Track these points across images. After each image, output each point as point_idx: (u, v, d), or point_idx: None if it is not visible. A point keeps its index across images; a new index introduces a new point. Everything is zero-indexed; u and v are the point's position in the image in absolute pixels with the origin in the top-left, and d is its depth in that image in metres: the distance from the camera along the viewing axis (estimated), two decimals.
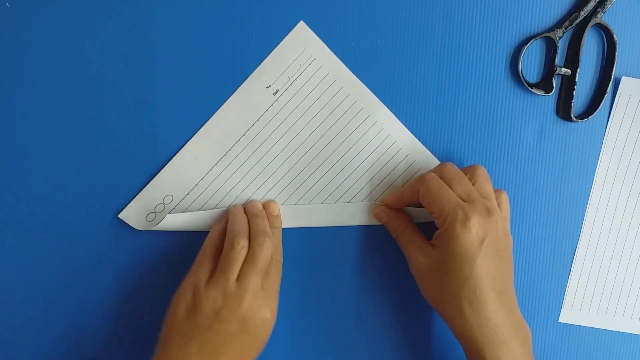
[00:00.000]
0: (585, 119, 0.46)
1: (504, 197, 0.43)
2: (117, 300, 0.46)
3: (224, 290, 0.38)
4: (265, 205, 0.45)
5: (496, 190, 0.42)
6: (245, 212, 0.44)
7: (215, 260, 0.41)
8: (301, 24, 0.43)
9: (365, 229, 0.46)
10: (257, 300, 0.39)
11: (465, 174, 0.41)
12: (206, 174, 0.45)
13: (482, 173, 0.41)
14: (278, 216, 0.44)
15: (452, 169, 0.41)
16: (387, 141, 0.45)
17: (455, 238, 0.38)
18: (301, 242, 0.46)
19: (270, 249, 0.40)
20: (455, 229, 0.38)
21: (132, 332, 0.46)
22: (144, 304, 0.46)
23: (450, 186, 0.40)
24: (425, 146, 0.46)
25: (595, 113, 0.46)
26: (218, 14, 0.43)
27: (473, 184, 0.41)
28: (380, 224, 0.46)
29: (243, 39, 0.43)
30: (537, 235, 0.48)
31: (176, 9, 0.43)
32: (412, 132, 0.45)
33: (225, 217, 0.44)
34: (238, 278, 0.39)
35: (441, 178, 0.41)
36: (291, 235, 0.46)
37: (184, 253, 0.46)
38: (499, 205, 0.41)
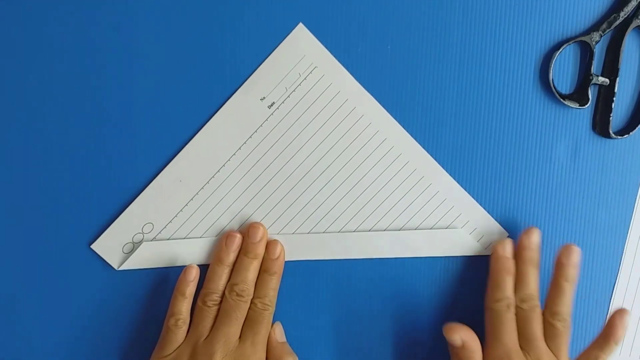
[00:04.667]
0: (626, 136, 0.44)
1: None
2: (93, 338, 0.45)
3: (195, 347, 0.41)
4: (268, 246, 0.43)
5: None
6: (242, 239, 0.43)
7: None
8: (300, 26, 0.42)
9: (371, 262, 0.45)
10: (230, 352, 0.40)
11: (551, 316, 0.42)
12: (191, 199, 0.43)
13: (561, 326, 0.42)
14: (278, 260, 0.43)
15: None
16: (399, 161, 0.43)
17: None
18: (299, 276, 0.45)
19: (245, 299, 0.41)
20: None
21: None
22: (121, 341, 0.45)
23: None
24: (442, 166, 0.44)
25: (637, 129, 0.44)
26: (206, 16, 0.42)
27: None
28: (386, 256, 0.44)
29: (234, 43, 0.42)
30: None
31: (158, 8, 0.41)
32: (427, 151, 0.44)
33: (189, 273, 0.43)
34: (211, 332, 0.41)
35: (520, 307, 0.42)
36: (287, 269, 0.44)
37: (166, 287, 0.44)
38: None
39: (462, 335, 0.41)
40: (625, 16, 0.42)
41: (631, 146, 0.45)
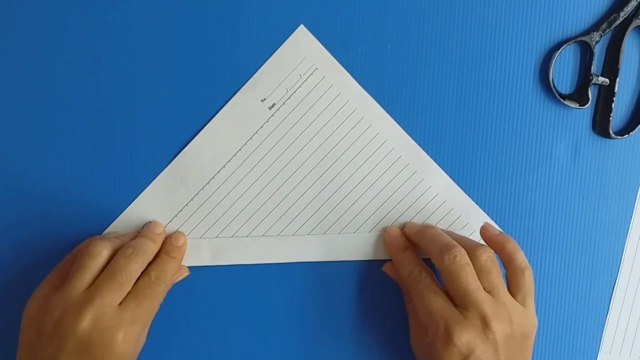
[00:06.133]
0: (626, 136, 0.44)
1: (525, 279, 0.39)
2: None
3: (66, 299, 0.36)
4: (171, 235, 0.42)
5: (515, 269, 0.39)
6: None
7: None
8: (301, 28, 0.42)
9: (371, 264, 0.44)
10: (104, 318, 0.35)
11: (474, 254, 0.38)
12: (191, 200, 0.42)
13: (489, 260, 0.38)
14: (180, 248, 0.41)
15: (459, 257, 0.38)
16: (399, 162, 0.43)
17: (436, 355, 0.37)
18: (299, 279, 0.44)
19: (139, 264, 0.38)
20: (436, 346, 0.37)
21: None
22: None
23: (449, 281, 0.38)
24: (442, 167, 0.43)
25: (637, 129, 0.44)
26: (206, 17, 0.41)
27: (482, 273, 0.38)
28: (387, 258, 0.43)
29: (235, 45, 0.42)
30: (570, 269, 0.46)
31: (158, 9, 0.41)
32: (427, 152, 0.43)
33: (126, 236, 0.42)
34: (89, 288, 0.37)
35: (442, 264, 0.38)
36: (288, 271, 0.44)
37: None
38: (515, 290, 0.39)
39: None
40: (625, 16, 0.42)
41: (631, 146, 0.45)
